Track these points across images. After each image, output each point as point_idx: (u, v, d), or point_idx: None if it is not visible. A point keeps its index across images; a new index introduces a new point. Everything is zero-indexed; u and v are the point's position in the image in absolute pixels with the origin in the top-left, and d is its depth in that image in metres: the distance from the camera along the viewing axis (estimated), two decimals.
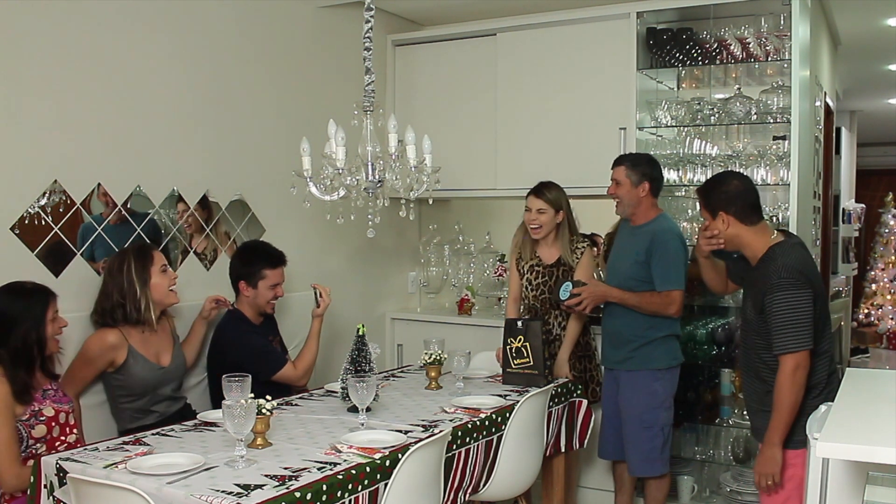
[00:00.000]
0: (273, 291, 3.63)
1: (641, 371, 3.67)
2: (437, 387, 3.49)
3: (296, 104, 4.33)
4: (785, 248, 2.90)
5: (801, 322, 2.77)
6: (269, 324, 3.77)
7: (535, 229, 3.89)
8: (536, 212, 3.88)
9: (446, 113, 4.84)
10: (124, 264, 3.22)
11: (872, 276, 9.50)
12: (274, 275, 3.63)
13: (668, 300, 3.59)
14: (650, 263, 3.62)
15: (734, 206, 2.94)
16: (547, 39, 4.57)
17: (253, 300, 3.62)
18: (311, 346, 3.74)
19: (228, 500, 2.10)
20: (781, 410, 2.81)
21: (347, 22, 4.55)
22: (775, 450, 2.84)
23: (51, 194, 3.20)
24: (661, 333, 3.66)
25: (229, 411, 2.36)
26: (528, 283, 3.96)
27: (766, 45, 4.11)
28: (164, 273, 3.30)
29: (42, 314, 2.84)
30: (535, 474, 3.28)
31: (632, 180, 3.66)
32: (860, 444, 1.99)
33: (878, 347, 8.53)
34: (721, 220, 2.96)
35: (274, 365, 3.58)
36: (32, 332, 2.81)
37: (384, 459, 2.46)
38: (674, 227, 3.70)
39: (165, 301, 3.32)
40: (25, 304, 2.82)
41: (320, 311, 3.79)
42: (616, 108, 4.33)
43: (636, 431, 3.68)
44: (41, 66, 3.17)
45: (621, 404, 3.75)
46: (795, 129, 3.96)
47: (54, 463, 2.43)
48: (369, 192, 3.01)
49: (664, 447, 3.68)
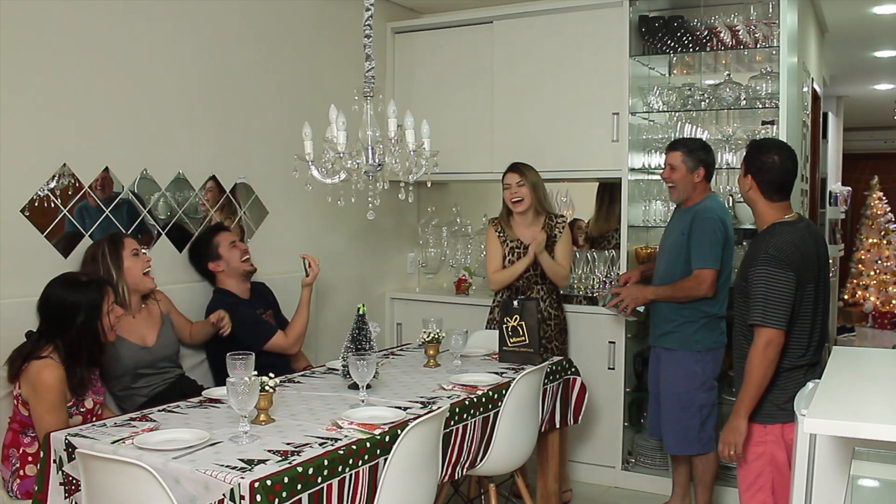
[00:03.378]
0: (236, 248, 3.69)
1: (682, 351, 3.70)
2: (436, 364, 3.51)
3: (298, 90, 4.36)
4: (785, 227, 2.89)
5: (778, 301, 2.77)
6: (257, 298, 3.81)
7: (518, 202, 3.97)
8: (516, 185, 3.97)
9: (444, 98, 4.87)
10: (98, 252, 3.23)
11: (858, 257, 9.61)
12: (223, 237, 3.69)
13: (698, 280, 3.60)
14: (689, 241, 3.64)
15: (761, 177, 2.93)
16: (542, 27, 4.60)
17: (228, 269, 3.67)
18: (301, 314, 3.81)
19: (232, 474, 2.12)
20: (749, 384, 2.83)
21: (348, 10, 4.59)
22: (740, 421, 2.86)
23: (60, 177, 3.23)
24: (701, 315, 3.67)
25: (233, 388, 2.38)
26: (511, 264, 4.05)
27: (755, 33, 4.15)
28: (136, 257, 3.28)
29: (99, 305, 2.87)
30: (530, 450, 3.31)
31: (688, 166, 3.67)
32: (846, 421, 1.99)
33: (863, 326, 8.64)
34: (748, 180, 2.97)
35: (264, 334, 3.63)
36: (90, 324, 2.85)
37: (384, 435, 2.49)
38: (717, 207, 3.69)
39: (141, 286, 3.31)
40: (83, 296, 2.85)
41: (309, 280, 3.85)
42: (609, 93, 4.37)
43: (673, 410, 3.71)
44: (49, 53, 3.20)
45: (661, 382, 3.78)
46: (783, 114, 4.01)
47: (63, 438, 2.46)
48: (369, 175, 3.05)
49: (702, 427, 3.67)
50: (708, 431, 3.69)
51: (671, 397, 3.72)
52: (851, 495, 2.05)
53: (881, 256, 9.52)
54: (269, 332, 3.66)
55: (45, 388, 2.72)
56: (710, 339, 3.69)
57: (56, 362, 2.76)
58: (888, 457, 2.09)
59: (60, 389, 2.75)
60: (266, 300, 3.87)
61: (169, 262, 3.71)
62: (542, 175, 4.13)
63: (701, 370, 3.68)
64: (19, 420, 2.81)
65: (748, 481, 2.93)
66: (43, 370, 2.73)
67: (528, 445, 3.29)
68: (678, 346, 3.71)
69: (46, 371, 2.73)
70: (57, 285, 2.88)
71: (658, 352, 3.83)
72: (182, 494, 2.16)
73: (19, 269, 2.97)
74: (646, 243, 4.65)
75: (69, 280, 2.92)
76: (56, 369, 2.75)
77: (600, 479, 4.46)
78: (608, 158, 4.40)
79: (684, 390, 3.69)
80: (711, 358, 3.71)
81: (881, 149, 11.63)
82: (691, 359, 3.69)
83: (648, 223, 4.57)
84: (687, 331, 3.69)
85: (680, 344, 3.71)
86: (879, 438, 1.94)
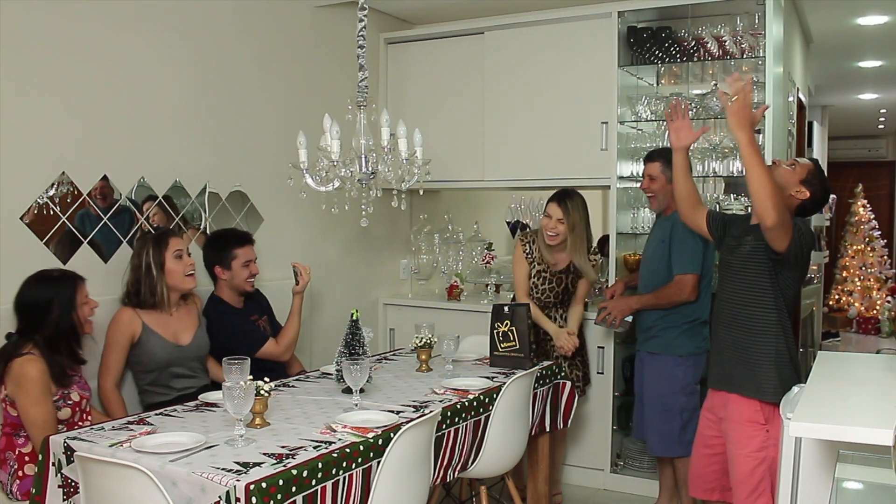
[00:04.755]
0: (248, 269, 3.69)
1: (664, 355, 3.75)
2: (428, 369, 3.54)
3: (293, 99, 4.39)
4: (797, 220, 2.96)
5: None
6: (252, 304, 3.82)
7: (552, 236, 3.95)
8: (556, 221, 3.92)
9: (436, 108, 4.90)
10: (143, 249, 3.33)
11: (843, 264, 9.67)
12: (244, 252, 3.69)
13: (679, 286, 3.65)
14: (670, 248, 3.69)
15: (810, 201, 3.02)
16: (532, 37, 4.64)
17: (231, 282, 3.68)
18: (292, 322, 3.82)
19: (228, 477, 2.12)
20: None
21: (342, 21, 4.62)
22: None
23: (59, 185, 3.26)
24: (683, 319, 3.72)
25: (229, 392, 2.39)
26: (535, 287, 4.05)
27: (741, 43, 4.19)
28: (179, 260, 3.37)
29: (72, 299, 2.93)
30: (520, 453, 3.33)
31: (667, 176, 3.69)
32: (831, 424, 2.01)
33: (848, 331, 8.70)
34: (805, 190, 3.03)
35: (254, 343, 3.65)
36: (65, 318, 2.89)
37: (377, 438, 2.50)
38: None
39: (181, 286, 3.40)
40: (55, 291, 2.90)
41: (299, 288, 3.86)
42: (598, 103, 4.41)
43: (655, 413, 3.76)
44: (49, 62, 3.22)
45: (644, 385, 3.83)
46: (769, 123, 4.05)
47: (62, 442, 2.47)
48: (363, 184, 3.07)
49: (683, 431, 3.71)
50: (689, 435, 3.69)
51: (653, 400, 3.78)
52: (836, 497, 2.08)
53: (865, 263, 9.59)
54: (261, 341, 3.68)
55: (27, 380, 2.76)
56: (692, 344, 3.74)
57: (37, 356, 2.81)
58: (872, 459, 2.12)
59: (44, 381, 2.79)
60: (260, 306, 3.89)
61: None
62: (530, 182, 4.12)
63: (682, 374, 3.73)
64: (10, 423, 2.84)
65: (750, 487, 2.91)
66: (25, 364, 2.78)
67: (518, 448, 3.30)
68: (660, 350, 3.77)
69: (28, 365, 2.78)
70: (30, 283, 2.92)
71: (642, 356, 3.88)
72: (179, 497, 2.17)
73: (19, 276, 2.97)
74: (634, 250, 4.69)
75: (42, 277, 2.95)
76: (37, 362, 2.79)
77: (589, 481, 4.49)
78: (597, 167, 4.43)
79: (666, 393, 3.75)
80: (693, 363, 3.75)
81: (865, 157, 11.71)
82: (672, 363, 3.74)
83: (637, 230, 4.60)
84: (669, 335, 3.75)
85: (662, 348, 3.76)
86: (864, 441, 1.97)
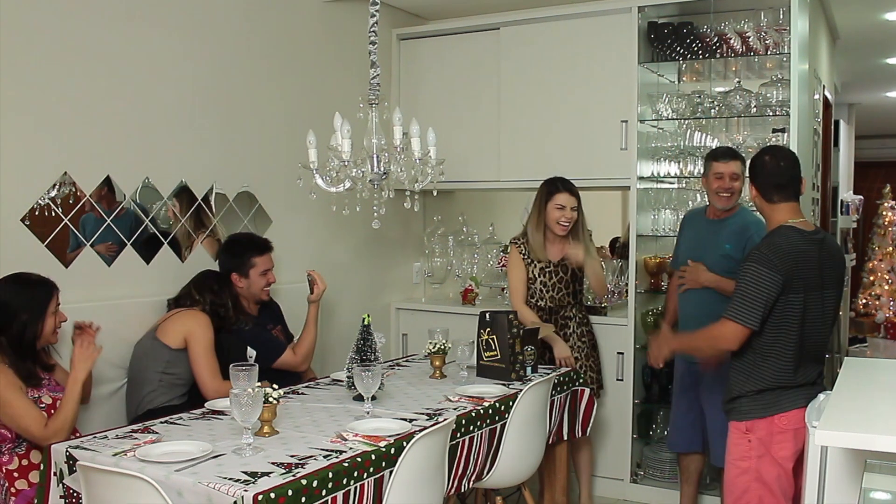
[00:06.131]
0: (265, 278, 3.66)
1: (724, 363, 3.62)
2: (442, 376, 3.51)
3: (302, 97, 4.36)
4: (790, 231, 2.80)
5: (754, 298, 2.69)
6: (267, 313, 3.80)
7: (565, 226, 3.89)
8: (571, 210, 3.88)
9: (450, 106, 4.87)
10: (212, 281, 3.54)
11: (870, 267, 9.55)
12: (263, 261, 3.65)
13: None
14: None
15: (758, 180, 2.92)
16: (549, 34, 4.59)
17: (247, 290, 3.65)
18: (309, 331, 3.79)
19: (236, 487, 2.11)
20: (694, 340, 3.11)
21: (353, 16, 4.59)
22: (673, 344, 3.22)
23: (60, 186, 3.23)
24: None
25: (237, 400, 2.38)
26: (544, 286, 3.97)
27: (765, 39, 4.14)
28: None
29: (44, 307, 2.88)
30: (537, 462, 3.30)
31: (744, 176, 3.57)
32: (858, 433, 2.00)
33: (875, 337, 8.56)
34: (752, 188, 2.95)
35: (273, 352, 3.61)
36: (32, 324, 2.85)
37: (389, 447, 2.48)
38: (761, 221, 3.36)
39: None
40: (29, 296, 2.86)
41: (315, 297, 3.83)
42: (618, 100, 4.36)
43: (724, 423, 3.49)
44: (51, 61, 3.20)
45: (704, 397, 3.67)
46: (794, 122, 3.99)
47: (64, 451, 2.45)
48: (374, 184, 3.03)
49: None
50: None
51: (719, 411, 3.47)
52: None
53: (894, 266, 9.45)
54: (279, 351, 3.64)
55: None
56: None
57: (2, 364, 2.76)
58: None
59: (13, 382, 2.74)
60: (274, 314, 3.86)
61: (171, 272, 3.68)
62: None
63: None
64: None
65: (734, 496, 2.88)
66: None
67: (535, 458, 3.27)
68: None
69: None
70: (6, 283, 2.89)
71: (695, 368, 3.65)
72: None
73: None
74: (655, 253, 4.61)
75: (19, 279, 2.91)
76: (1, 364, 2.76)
77: (609, 491, 4.42)
78: (617, 167, 4.38)
79: None
80: None
81: (894, 157, 11.59)
82: None
83: (657, 233, 4.53)
84: None
85: None
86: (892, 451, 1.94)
